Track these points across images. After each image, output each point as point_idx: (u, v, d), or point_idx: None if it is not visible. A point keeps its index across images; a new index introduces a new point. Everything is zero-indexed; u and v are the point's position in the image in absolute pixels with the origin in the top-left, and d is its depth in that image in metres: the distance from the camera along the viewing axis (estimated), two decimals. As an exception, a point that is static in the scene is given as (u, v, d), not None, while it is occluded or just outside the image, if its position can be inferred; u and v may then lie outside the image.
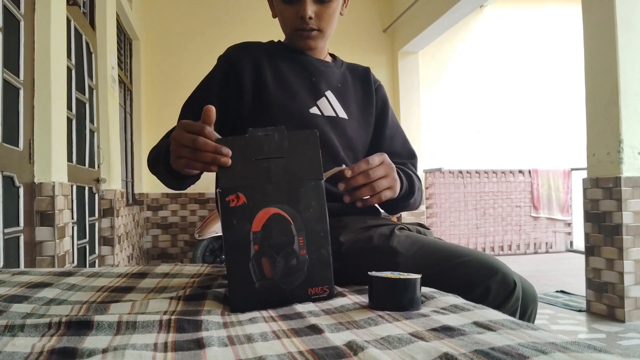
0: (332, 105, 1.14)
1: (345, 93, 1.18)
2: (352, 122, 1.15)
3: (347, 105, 1.17)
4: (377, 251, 0.93)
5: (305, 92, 1.12)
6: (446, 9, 4.60)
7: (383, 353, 0.51)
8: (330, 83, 1.17)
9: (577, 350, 0.47)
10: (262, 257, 0.76)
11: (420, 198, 1.17)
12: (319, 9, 1.09)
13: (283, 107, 1.09)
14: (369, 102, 1.23)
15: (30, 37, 2.14)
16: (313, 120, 1.09)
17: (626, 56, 2.87)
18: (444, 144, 6.29)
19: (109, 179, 3.43)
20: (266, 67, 1.12)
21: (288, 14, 1.11)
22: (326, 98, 1.14)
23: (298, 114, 1.09)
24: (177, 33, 5.37)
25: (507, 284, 0.84)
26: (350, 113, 1.16)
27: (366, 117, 1.20)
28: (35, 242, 2.09)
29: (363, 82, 1.24)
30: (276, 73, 1.13)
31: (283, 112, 1.08)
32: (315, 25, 1.11)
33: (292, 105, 1.10)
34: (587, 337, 2.61)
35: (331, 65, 1.21)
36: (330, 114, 1.13)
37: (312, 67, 1.16)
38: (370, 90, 1.24)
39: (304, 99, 1.11)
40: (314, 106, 1.12)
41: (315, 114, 1.11)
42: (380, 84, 1.28)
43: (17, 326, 0.64)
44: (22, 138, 2.02)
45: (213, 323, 0.66)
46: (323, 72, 1.17)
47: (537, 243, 5.94)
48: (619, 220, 2.87)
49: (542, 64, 6.63)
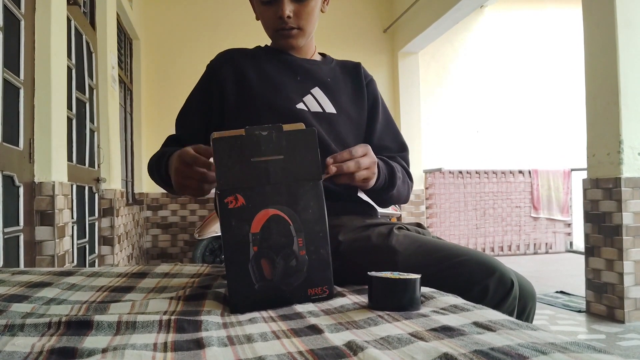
0: (319, 101, 1.15)
1: (335, 88, 1.18)
2: (341, 116, 1.16)
3: (337, 100, 1.17)
4: (376, 250, 0.93)
5: (290, 89, 1.13)
6: (446, 9, 4.60)
7: (383, 353, 0.51)
8: (318, 79, 1.17)
9: (576, 350, 0.47)
10: (262, 258, 0.76)
11: (407, 191, 1.16)
12: (297, 7, 1.11)
13: (268, 102, 1.10)
14: (360, 96, 1.22)
15: (31, 37, 2.14)
16: (300, 115, 1.10)
17: (626, 56, 2.87)
18: (444, 144, 6.29)
19: (109, 179, 3.43)
20: (249, 69, 1.15)
21: (267, 15, 1.13)
22: (312, 95, 1.15)
23: (284, 109, 1.10)
24: (177, 33, 5.37)
25: (505, 283, 0.85)
26: (339, 108, 1.16)
27: (357, 112, 1.20)
28: (35, 241, 2.09)
29: (353, 77, 1.24)
30: (260, 73, 1.15)
31: (268, 108, 1.10)
32: (294, 24, 1.12)
33: (277, 100, 1.11)
34: (587, 337, 2.60)
35: (318, 63, 1.21)
36: (316, 110, 1.13)
37: (296, 66, 1.17)
38: (361, 85, 1.24)
39: (289, 94, 1.12)
40: (300, 102, 1.13)
41: (302, 109, 1.11)
42: (371, 79, 1.28)
43: (17, 326, 0.64)
44: (22, 137, 2.02)
45: (213, 323, 0.66)
46: (309, 70, 1.18)
47: (537, 243, 5.94)
48: (618, 221, 2.87)
49: (542, 64, 6.64)
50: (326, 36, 5.25)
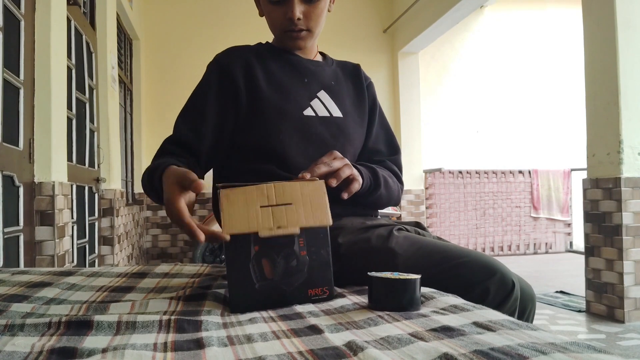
0: (326, 105, 1.13)
1: (339, 91, 1.17)
2: (347, 119, 1.15)
3: (342, 103, 1.16)
4: (376, 252, 0.92)
5: (298, 94, 1.11)
6: (446, 9, 4.59)
7: (383, 353, 0.51)
8: (323, 82, 1.16)
9: (576, 350, 0.47)
10: (262, 257, 0.76)
11: (396, 192, 1.16)
12: (306, 9, 1.08)
13: (278, 108, 1.07)
14: (362, 99, 1.22)
15: (31, 37, 2.14)
16: (308, 122, 1.09)
17: (626, 56, 2.87)
18: (444, 144, 6.29)
19: (108, 179, 3.43)
20: (257, 68, 1.10)
21: (276, 15, 1.10)
22: (319, 99, 1.13)
23: (293, 116, 1.08)
24: (177, 33, 5.37)
25: (506, 285, 0.84)
26: (345, 111, 1.15)
27: (360, 114, 1.20)
28: (35, 241, 2.09)
29: (354, 79, 1.24)
30: (268, 74, 1.11)
31: (278, 114, 1.07)
32: (303, 26, 1.09)
33: (286, 106, 1.08)
34: (587, 337, 2.60)
35: (322, 65, 1.20)
36: (324, 114, 1.12)
37: (303, 68, 1.15)
38: (362, 88, 1.23)
39: (298, 100, 1.10)
40: (308, 107, 1.11)
41: (310, 116, 1.10)
42: (370, 81, 1.27)
43: (17, 326, 0.64)
44: (22, 138, 2.02)
45: (213, 323, 0.66)
46: (314, 72, 1.16)
47: (537, 243, 5.94)
48: (618, 221, 2.87)
49: (542, 64, 6.64)
50: (326, 36, 5.24)
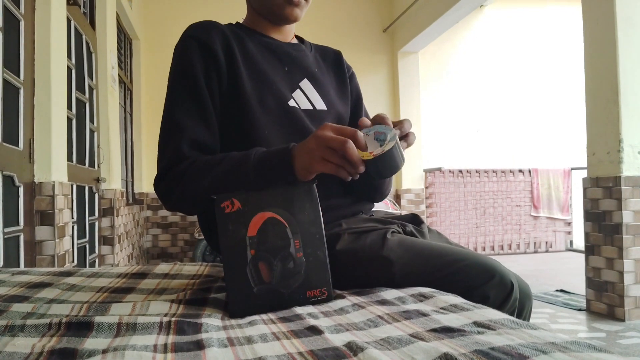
0: (308, 96, 1.06)
1: (322, 81, 1.10)
2: (331, 113, 1.08)
3: (325, 94, 1.09)
4: (370, 263, 0.89)
5: (280, 84, 1.03)
6: (446, 8, 4.59)
7: (383, 353, 0.51)
8: (305, 70, 1.09)
9: (577, 349, 0.47)
10: (259, 261, 0.75)
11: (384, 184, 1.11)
12: None
13: (259, 97, 0.99)
14: (344, 90, 1.16)
15: (30, 37, 2.14)
16: (292, 114, 1.02)
17: (626, 55, 2.87)
18: (444, 143, 6.28)
19: (109, 179, 3.43)
20: (235, 49, 1.01)
21: None
22: (301, 90, 1.06)
23: (276, 108, 1.00)
24: (177, 33, 5.23)
25: (505, 286, 0.84)
26: (328, 102, 1.09)
27: (343, 107, 1.14)
28: (35, 241, 2.09)
29: (336, 68, 1.18)
30: (247, 58, 1.02)
31: (259, 103, 0.99)
32: None
33: (269, 98, 1.00)
34: (587, 336, 2.60)
35: (302, 49, 1.13)
36: (307, 107, 1.05)
37: (282, 53, 1.08)
38: (344, 78, 1.17)
39: (280, 90, 1.02)
40: (291, 98, 1.03)
41: (294, 107, 1.03)
42: (353, 72, 1.21)
43: (17, 326, 0.64)
44: (22, 138, 2.02)
45: (213, 325, 0.66)
46: (295, 59, 1.09)
47: (537, 242, 5.94)
48: (618, 220, 2.87)
49: (542, 63, 6.63)
50: (326, 36, 5.25)
